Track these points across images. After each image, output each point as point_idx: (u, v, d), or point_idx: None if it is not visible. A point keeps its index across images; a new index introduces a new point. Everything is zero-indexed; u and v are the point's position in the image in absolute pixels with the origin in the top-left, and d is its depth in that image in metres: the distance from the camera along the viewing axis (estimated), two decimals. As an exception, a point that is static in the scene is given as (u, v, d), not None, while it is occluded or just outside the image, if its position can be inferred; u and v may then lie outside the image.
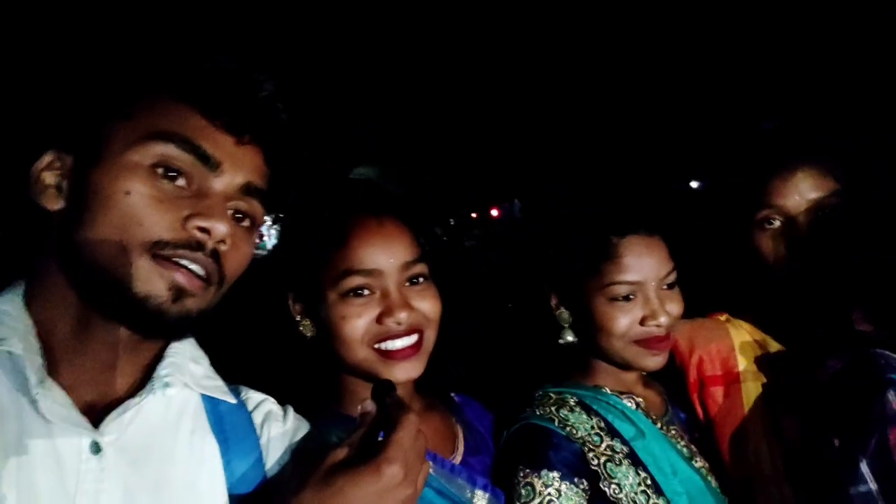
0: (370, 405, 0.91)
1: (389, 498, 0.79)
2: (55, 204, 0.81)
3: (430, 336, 1.15)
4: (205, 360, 0.97)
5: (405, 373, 1.09)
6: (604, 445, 1.22)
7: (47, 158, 0.82)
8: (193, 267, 0.81)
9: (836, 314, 1.24)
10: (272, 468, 0.94)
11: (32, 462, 0.73)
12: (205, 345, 0.97)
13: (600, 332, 1.28)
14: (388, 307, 1.07)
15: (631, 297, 1.26)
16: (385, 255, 1.08)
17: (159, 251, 0.78)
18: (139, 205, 0.78)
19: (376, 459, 0.79)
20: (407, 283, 1.11)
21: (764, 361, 1.42)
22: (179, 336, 0.91)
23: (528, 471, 1.15)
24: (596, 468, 1.18)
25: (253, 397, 1.01)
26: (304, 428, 1.02)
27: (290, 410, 1.03)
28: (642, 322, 1.25)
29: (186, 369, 0.91)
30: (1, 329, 0.76)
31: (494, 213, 11.93)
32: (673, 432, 1.32)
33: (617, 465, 1.20)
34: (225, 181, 0.85)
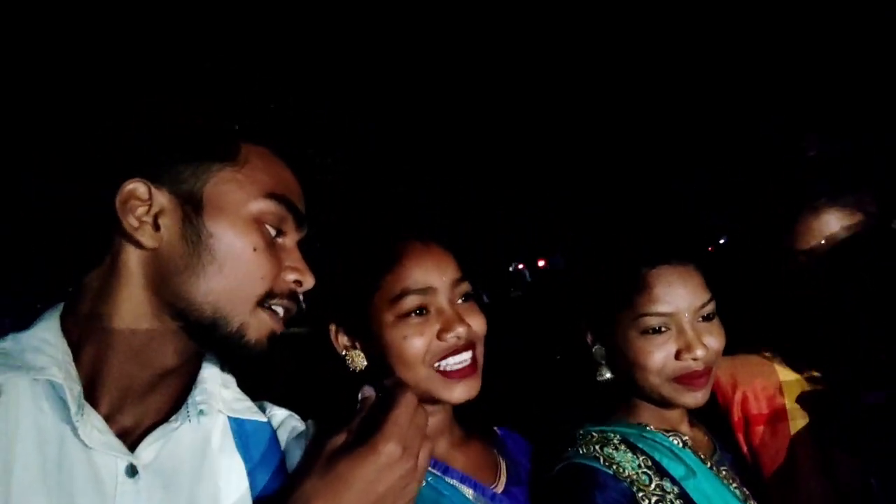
0: (369, 390, 0.91)
1: (389, 474, 0.80)
2: (152, 242, 0.81)
3: (481, 352, 1.14)
4: (233, 383, 0.98)
5: (465, 392, 1.09)
6: (653, 485, 1.14)
7: (131, 186, 0.80)
8: (283, 314, 0.88)
9: (871, 348, 1.19)
10: None
11: (74, 486, 0.74)
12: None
13: (635, 368, 1.20)
14: (447, 322, 1.08)
15: (664, 329, 1.18)
16: (437, 274, 1.09)
17: (268, 301, 0.85)
18: (262, 260, 0.83)
19: (373, 438, 0.80)
20: (457, 301, 1.12)
21: (812, 398, 1.34)
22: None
23: None
24: None
25: (277, 414, 1.01)
26: None
27: (313, 425, 1.02)
28: (678, 356, 1.17)
29: (218, 395, 0.92)
30: (41, 358, 0.78)
31: (541, 263, 11.91)
32: (724, 473, 1.22)
33: None
34: (299, 236, 0.92)
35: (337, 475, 0.79)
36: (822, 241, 1.29)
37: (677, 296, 1.19)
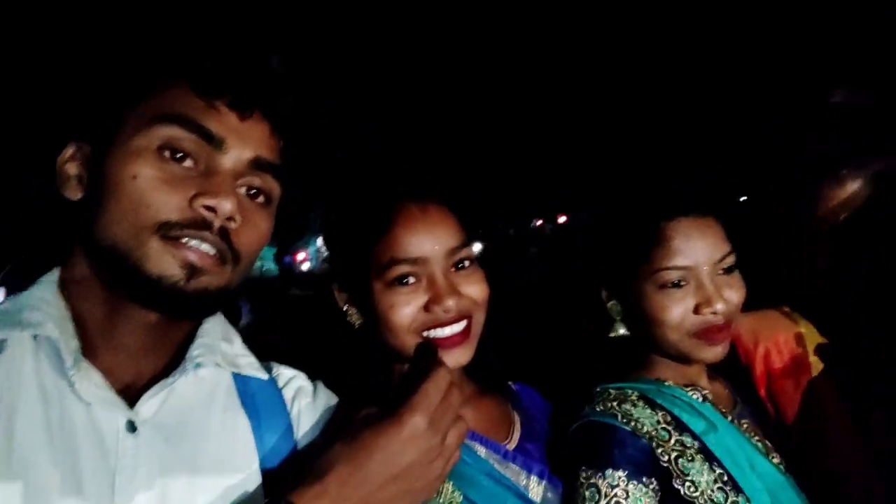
0: (408, 368, 0.89)
1: (412, 447, 0.78)
2: (76, 194, 0.83)
3: (479, 320, 1.09)
4: (237, 338, 0.96)
5: (454, 360, 1.04)
6: (673, 440, 1.11)
7: (69, 150, 0.84)
8: (203, 246, 0.79)
9: (871, 348, 1.17)
10: (302, 442, 0.93)
11: (75, 442, 0.74)
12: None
13: (653, 324, 1.16)
14: (436, 295, 1.02)
15: (682, 283, 1.14)
16: (430, 242, 1.03)
17: (168, 232, 0.78)
18: (146, 187, 0.77)
19: (399, 409, 0.79)
20: (453, 269, 1.06)
21: (835, 351, 1.31)
22: (203, 314, 0.89)
23: (590, 471, 1.06)
24: (667, 465, 1.07)
25: (284, 373, 0.99)
26: (333, 402, 1.00)
27: (320, 385, 1.02)
28: (697, 310, 1.13)
29: (218, 349, 0.90)
30: (37, 314, 0.77)
31: (562, 219, 11.81)
32: (745, 426, 1.19)
33: (689, 461, 1.08)
34: (232, 158, 0.83)
35: (361, 443, 0.78)
36: (845, 208, 1.26)
37: (696, 249, 1.14)
